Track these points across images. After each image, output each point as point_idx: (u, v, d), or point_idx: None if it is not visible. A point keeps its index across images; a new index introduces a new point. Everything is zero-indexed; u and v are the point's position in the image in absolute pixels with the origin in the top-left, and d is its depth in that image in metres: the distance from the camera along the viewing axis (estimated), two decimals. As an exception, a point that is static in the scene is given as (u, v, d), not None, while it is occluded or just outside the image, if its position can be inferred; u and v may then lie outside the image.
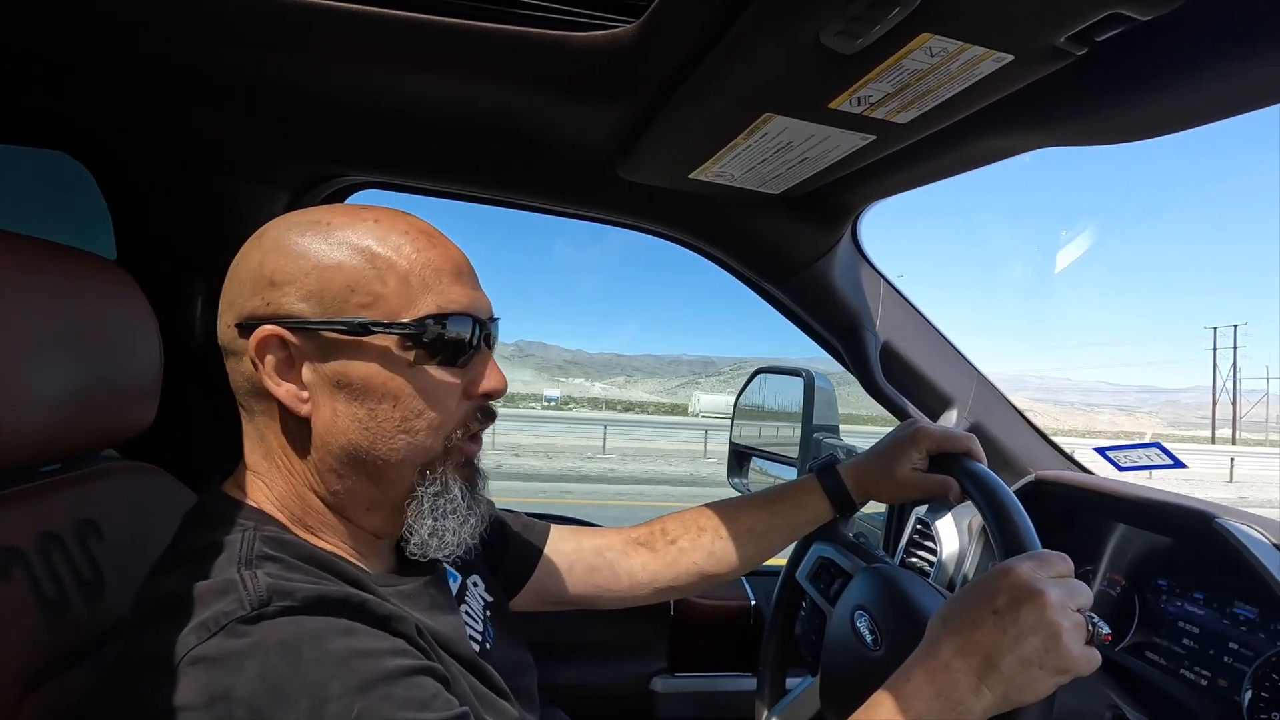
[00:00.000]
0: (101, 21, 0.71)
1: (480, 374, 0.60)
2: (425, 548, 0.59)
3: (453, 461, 0.60)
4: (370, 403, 0.56)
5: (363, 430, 0.56)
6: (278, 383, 0.54)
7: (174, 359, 0.80)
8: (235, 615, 0.46)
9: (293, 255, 0.55)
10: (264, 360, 0.54)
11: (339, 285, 0.54)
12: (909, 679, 0.56)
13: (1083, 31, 0.51)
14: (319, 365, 0.55)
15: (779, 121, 0.70)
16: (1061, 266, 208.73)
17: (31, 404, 0.60)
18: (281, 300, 0.54)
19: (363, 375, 0.55)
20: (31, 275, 0.62)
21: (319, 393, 0.55)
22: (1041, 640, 0.53)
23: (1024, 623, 0.54)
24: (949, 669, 0.55)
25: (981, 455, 0.81)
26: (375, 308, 0.55)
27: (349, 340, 0.55)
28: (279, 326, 0.54)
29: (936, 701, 0.54)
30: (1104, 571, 1.02)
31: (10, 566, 0.56)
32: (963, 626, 0.56)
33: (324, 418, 0.56)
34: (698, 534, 0.88)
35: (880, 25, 0.52)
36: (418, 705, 0.48)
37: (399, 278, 0.55)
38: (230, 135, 0.93)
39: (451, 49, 0.71)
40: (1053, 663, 0.53)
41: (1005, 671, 0.53)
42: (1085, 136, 0.71)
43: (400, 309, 0.55)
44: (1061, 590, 0.55)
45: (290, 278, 0.54)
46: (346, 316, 0.54)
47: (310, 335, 0.55)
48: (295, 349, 0.55)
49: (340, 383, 0.55)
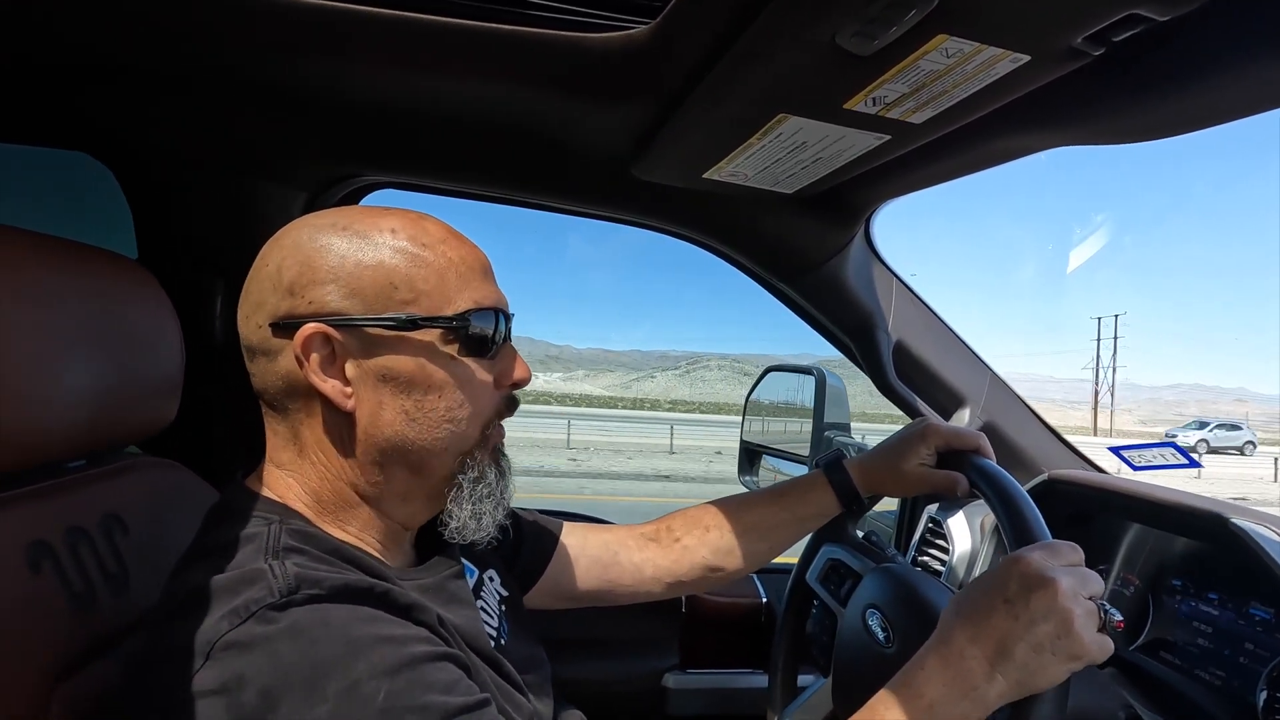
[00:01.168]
0: (122, 27, 0.72)
1: (508, 366, 0.63)
2: (464, 530, 0.61)
3: (487, 449, 0.62)
4: (416, 395, 0.58)
5: (409, 422, 0.58)
6: (323, 379, 0.55)
7: (194, 357, 0.81)
8: (265, 602, 0.47)
9: (330, 255, 0.56)
10: (309, 358, 0.55)
11: (381, 283, 0.56)
12: (922, 666, 0.57)
13: (1100, 32, 0.51)
14: (363, 360, 0.56)
15: (794, 122, 0.71)
16: (1074, 266, 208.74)
17: (58, 401, 0.61)
18: (324, 299, 0.55)
19: (409, 369, 0.57)
20: (58, 275, 0.63)
21: (363, 387, 0.57)
22: (1054, 627, 0.54)
23: (1036, 610, 0.54)
24: (963, 656, 0.55)
25: (990, 453, 0.81)
26: (417, 304, 0.57)
27: (394, 335, 0.56)
28: (323, 324, 0.55)
29: (950, 688, 0.55)
30: (1118, 571, 1.02)
31: (40, 560, 0.57)
32: (975, 615, 0.57)
33: (368, 411, 0.57)
34: (705, 529, 0.89)
35: (897, 27, 0.52)
36: (442, 689, 0.49)
37: (438, 275, 0.57)
38: (250, 136, 0.94)
39: (468, 51, 0.71)
40: (1065, 649, 0.54)
41: (1018, 658, 0.54)
42: (1101, 136, 0.70)
43: (441, 305, 0.57)
44: (1073, 578, 0.56)
45: (330, 277, 0.55)
46: (391, 313, 0.56)
47: (354, 331, 0.56)
48: (339, 345, 0.56)
49: (386, 376, 0.57)
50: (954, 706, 0.54)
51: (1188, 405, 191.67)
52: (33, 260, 0.61)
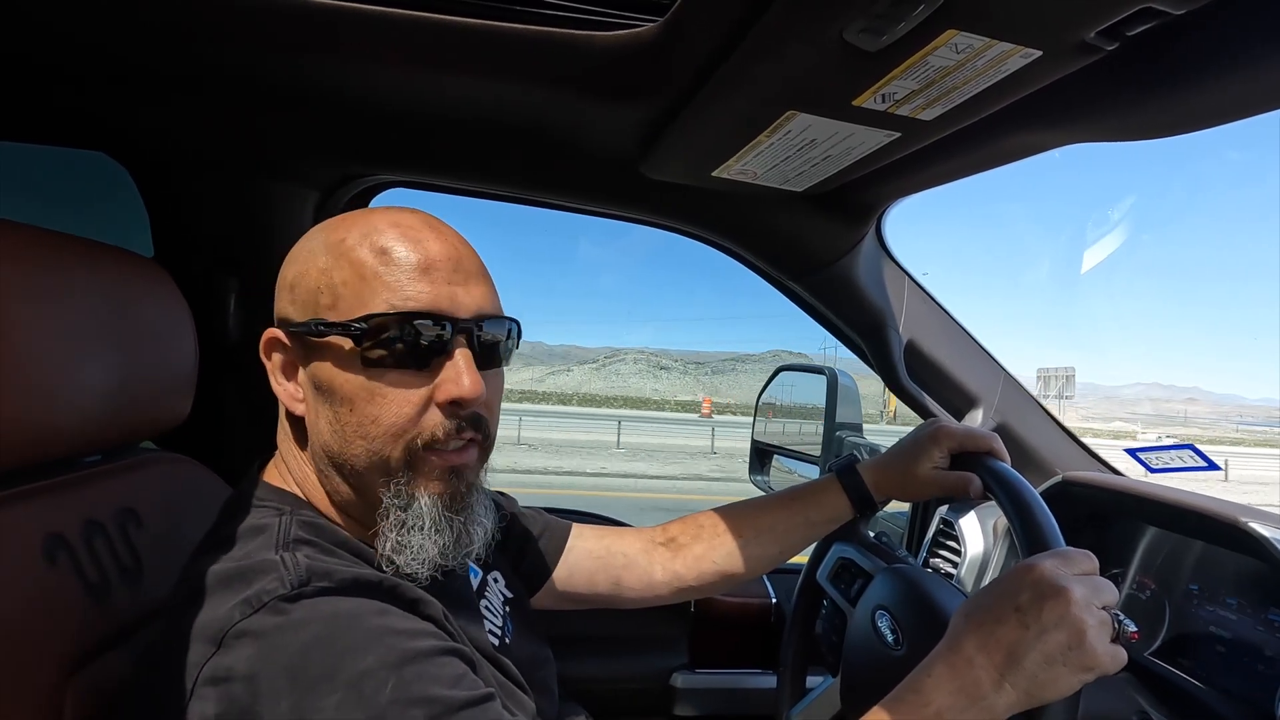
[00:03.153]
0: (137, 29, 0.73)
1: (446, 378, 0.55)
2: (395, 559, 0.55)
3: (421, 473, 0.56)
4: (335, 404, 0.55)
5: (332, 432, 0.56)
6: (280, 382, 0.58)
7: (208, 354, 0.82)
8: (277, 594, 0.48)
9: (296, 260, 0.58)
10: (270, 359, 0.57)
11: (312, 286, 0.56)
12: (930, 673, 0.56)
13: (1113, 26, 0.50)
14: (303, 367, 0.58)
15: (802, 119, 0.70)
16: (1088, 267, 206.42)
17: (76, 397, 0.62)
18: (284, 303, 0.57)
19: (326, 376, 0.55)
20: (76, 273, 0.64)
21: (308, 393, 0.58)
22: (1066, 637, 0.53)
23: (1047, 619, 0.53)
24: (971, 664, 0.54)
25: (1004, 454, 0.80)
26: (336, 308, 0.54)
27: (317, 342, 0.55)
28: (276, 329, 0.57)
29: (958, 696, 0.54)
30: (1134, 574, 1.00)
31: (56, 553, 0.58)
32: (985, 622, 0.56)
33: (311, 418, 0.58)
34: (716, 534, 0.89)
35: (905, 22, 0.51)
36: (448, 682, 0.49)
37: (357, 276, 0.54)
38: (263, 137, 0.95)
39: (477, 50, 0.72)
40: (1077, 660, 0.53)
41: (1028, 668, 0.53)
42: (1114, 133, 0.69)
43: (354, 308, 0.54)
44: (1086, 588, 0.55)
45: (291, 282, 0.57)
46: (311, 318, 0.56)
47: (297, 338, 0.57)
48: (288, 350, 0.57)
49: (316, 384, 0.57)
50: (961, 715, 0.54)
51: (1141, 404, 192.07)
52: (52, 258, 0.62)
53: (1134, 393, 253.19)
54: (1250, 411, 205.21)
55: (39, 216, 0.64)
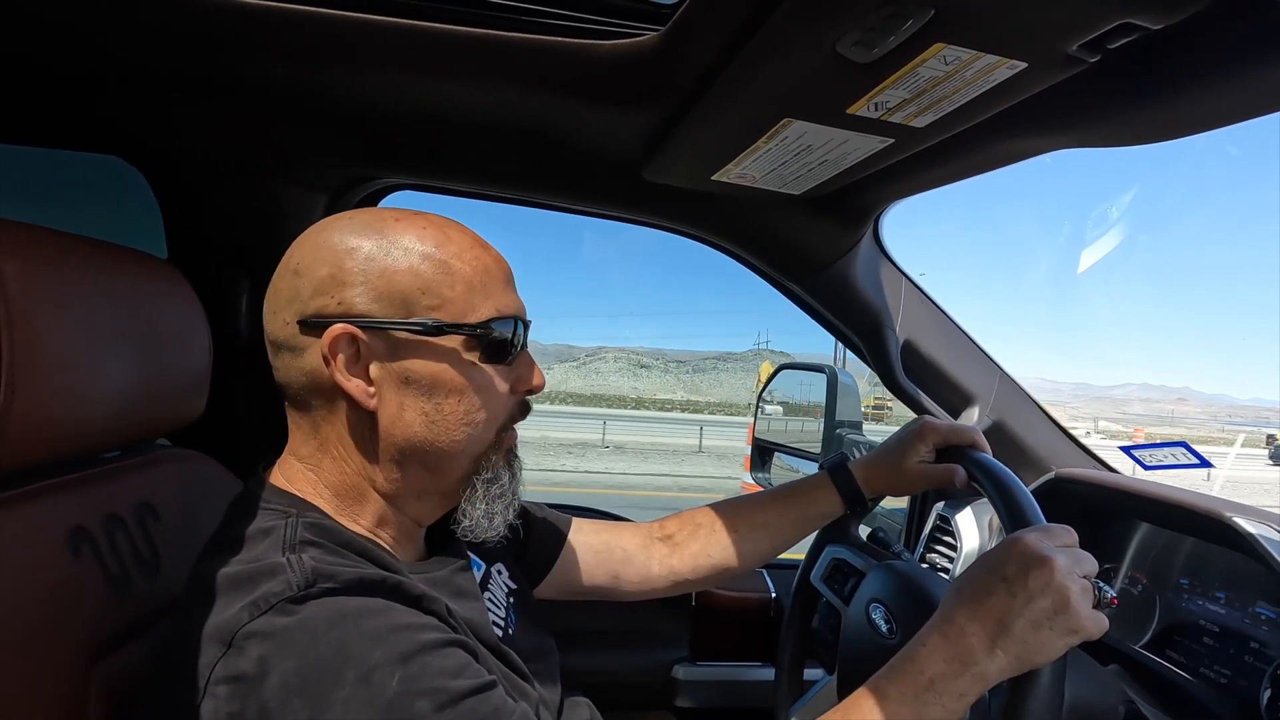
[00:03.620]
0: (155, 37, 0.75)
1: (523, 372, 0.65)
2: (477, 529, 0.64)
3: (501, 451, 0.65)
4: (437, 398, 0.60)
5: (428, 424, 0.60)
6: (348, 378, 0.57)
7: (221, 353, 0.84)
8: (284, 595, 0.49)
9: (359, 257, 0.57)
10: (335, 357, 0.57)
11: (409, 288, 0.57)
12: (924, 644, 0.58)
13: (1095, 40, 0.52)
14: (388, 363, 0.58)
15: (798, 126, 0.72)
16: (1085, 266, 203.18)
17: (95, 394, 0.64)
18: (352, 300, 0.57)
19: (431, 373, 0.59)
20: (94, 275, 0.66)
21: (385, 388, 0.59)
22: (1051, 603, 0.55)
23: (1033, 587, 0.56)
24: (963, 633, 0.57)
25: (986, 446, 0.84)
26: (442, 310, 0.58)
27: (418, 340, 0.58)
28: (351, 325, 0.56)
29: (952, 663, 0.56)
30: (1126, 569, 1.02)
31: (80, 545, 0.60)
32: (975, 593, 0.58)
33: (389, 412, 0.59)
34: (712, 530, 0.91)
35: (895, 36, 0.53)
36: (451, 673, 0.51)
37: (464, 283, 0.59)
38: (274, 141, 0.97)
39: (484, 59, 0.74)
40: (1063, 624, 0.55)
41: (1017, 634, 0.55)
42: (1104, 139, 0.71)
43: (465, 312, 0.59)
44: (1068, 557, 0.58)
45: (360, 279, 0.57)
46: (418, 318, 0.58)
47: (380, 334, 0.57)
48: (364, 346, 0.57)
49: (409, 379, 0.59)
50: (954, 682, 0.56)
51: (1132, 404, 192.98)
52: (70, 261, 0.63)
53: (1125, 393, 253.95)
54: (1239, 412, 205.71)
55: (55, 220, 0.66)
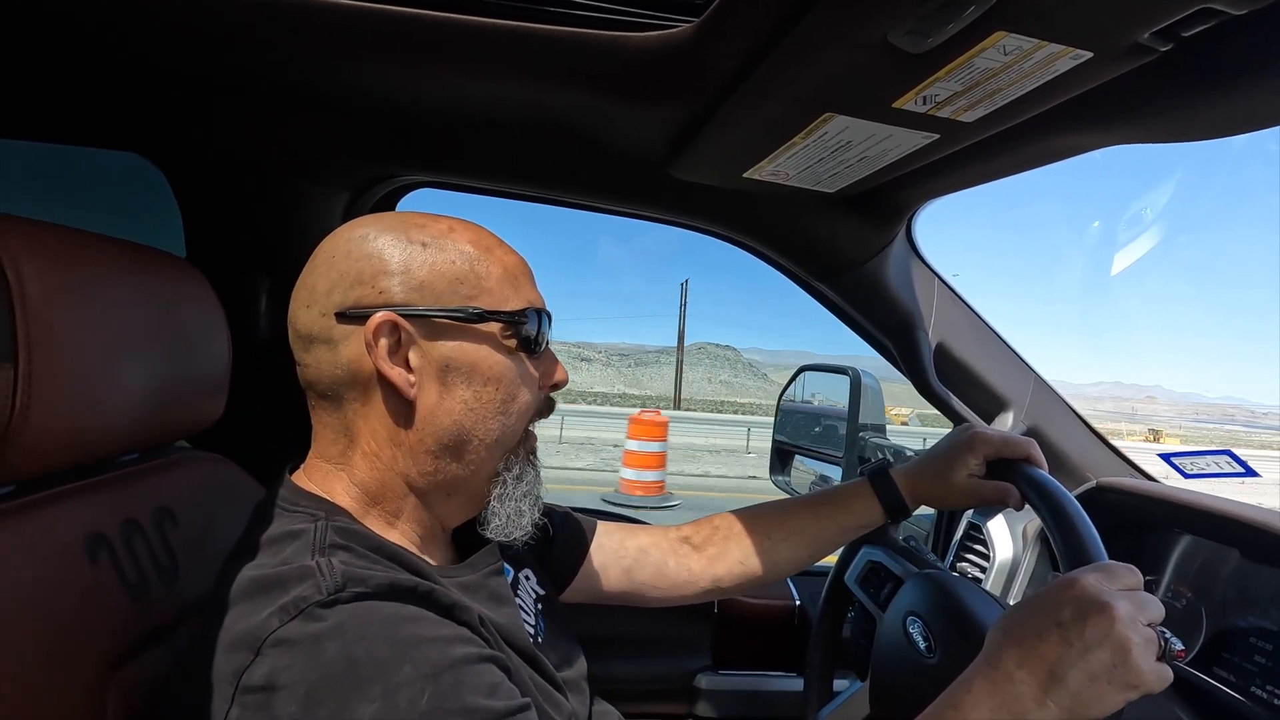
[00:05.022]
0: (175, 33, 0.74)
1: (549, 367, 0.65)
2: (506, 528, 0.63)
3: (526, 448, 0.65)
4: (476, 385, 0.60)
5: (467, 411, 0.60)
6: (390, 365, 0.57)
7: (241, 354, 0.83)
8: (313, 600, 0.48)
9: (398, 249, 0.58)
10: (378, 344, 0.56)
11: (447, 277, 0.58)
12: (969, 690, 0.55)
13: (1169, 27, 0.49)
14: (429, 350, 0.58)
15: (839, 121, 0.69)
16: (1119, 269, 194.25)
17: (113, 397, 0.63)
18: (392, 289, 0.57)
19: (472, 359, 0.59)
20: (112, 274, 0.64)
21: (426, 376, 0.59)
22: (1110, 655, 0.51)
23: (1090, 636, 0.52)
24: (1012, 680, 0.53)
25: (1042, 461, 0.79)
26: (481, 299, 0.59)
27: (459, 326, 0.59)
28: (393, 312, 0.56)
29: (999, 713, 0.53)
30: (1168, 582, 0.99)
31: (98, 551, 0.59)
32: (1025, 638, 0.54)
33: (429, 400, 0.59)
34: (744, 536, 0.88)
35: (953, 24, 0.50)
36: (485, 692, 0.49)
37: (499, 274, 0.61)
38: (294, 139, 0.96)
39: (508, 51, 0.71)
40: (1122, 678, 0.51)
41: (1071, 686, 0.52)
42: (1161, 134, 0.68)
43: (501, 302, 0.60)
44: (1131, 604, 0.53)
45: (400, 269, 0.58)
46: (460, 305, 0.58)
47: (422, 321, 0.58)
48: (406, 334, 0.57)
49: (450, 366, 0.59)
50: None
51: (1103, 402, 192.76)
52: (88, 259, 0.62)
53: (1098, 391, 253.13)
54: (1207, 410, 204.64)
55: (74, 218, 0.65)
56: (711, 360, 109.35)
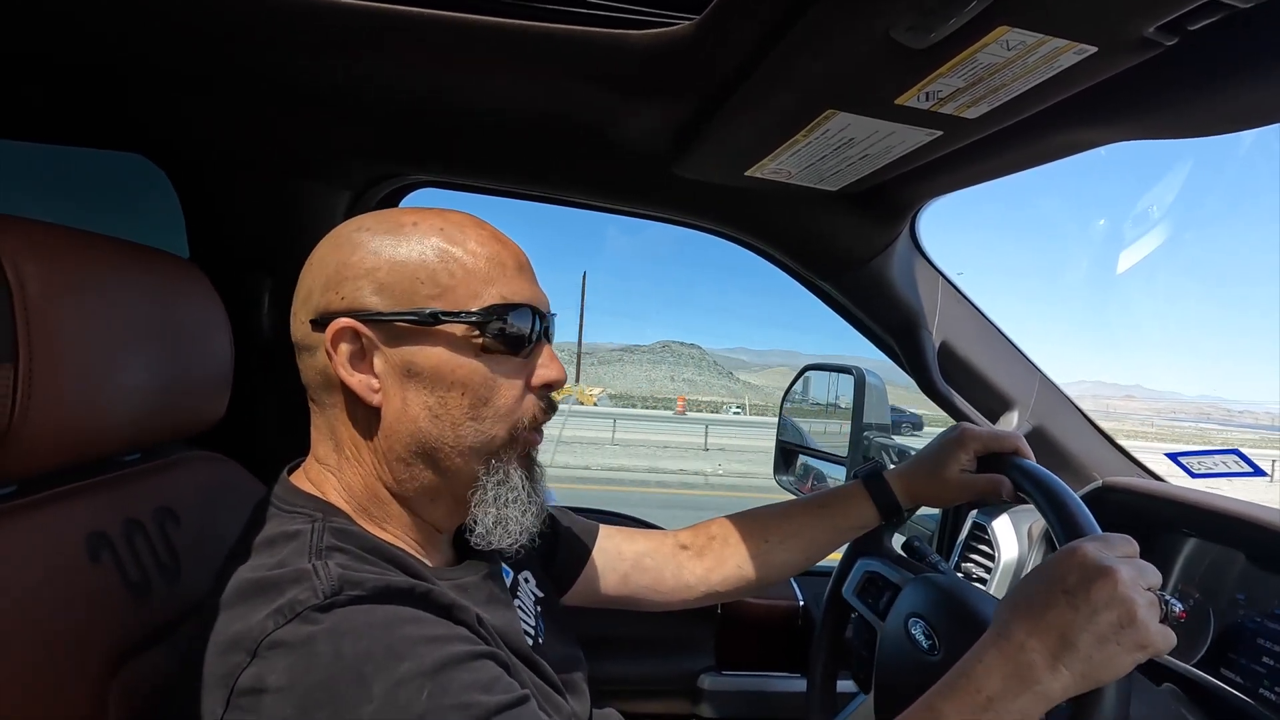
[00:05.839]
0: (177, 32, 0.74)
1: (539, 365, 0.62)
2: (490, 536, 0.60)
3: (516, 452, 0.61)
4: (440, 390, 0.57)
5: (432, 418, 0.57)
6: (350, 373, 0.56)
7: (243, 354, 0.83)
8: (309, 603, 0.48)
9: (366, 252, 0.57)
10: (337, 351, 0.56)
11: (409, 278, 0.56)
12: (980, 660, 0.55)
13: (1175, 21, 0.49)
14: (390, 355, 0.57)
15: (842, 118, 0.69)
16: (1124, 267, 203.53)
17: (115, 397, 0.63)
18: (355, 294, 0.56)
19: (433, 364, 0.57)
20: (114, 274, 0.64)
21: (389, 382, 0.57)
22: (1117, 616, 0.52)
23: (1096, 600, 0.52)
24: (1024, 649, 0.53)
25: (1029, 452, 0.80)
26: (443, 299, 0.57)
27: (419, 330, 0.57)
28: (352, 319, 0.56)
29: (1012, 681, 0.53)
30: (1175, 583, 0.98)
31: (99, 551, 0.59)
32: (1034, 607, 0.55)
33: (394, 407, 0.57)
34: (742, 539, 0.88)
35: (956, 19, 0.50)
36: (482, 688, 0.49)
37: (465, 270, 0.57)
38: (298, 138, 0.96)
39: (509, 50, 0.71)
40: (1130, 639, 0.52)
41: (1083, 650, 0.52)
42: (1168, 129, 0.67)
43: (467, 300, 0.57)
44: (1132, 568, 0.54)
45: (364, 273, 0.56)
46: (416, 307, 0.56)
47: (382, 326, 0.56)
48: (367, 340, 0.56)
49: (411, 371, 0.57)
50: (1014, 701, 0.52)
51: (1083, 401, 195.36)
52: (89, 259, 0.62)
53: (1079, 390, 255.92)
54: (1184, 408, 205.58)
55: (76, 218, 0.65)
56: (675, 358, 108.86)
